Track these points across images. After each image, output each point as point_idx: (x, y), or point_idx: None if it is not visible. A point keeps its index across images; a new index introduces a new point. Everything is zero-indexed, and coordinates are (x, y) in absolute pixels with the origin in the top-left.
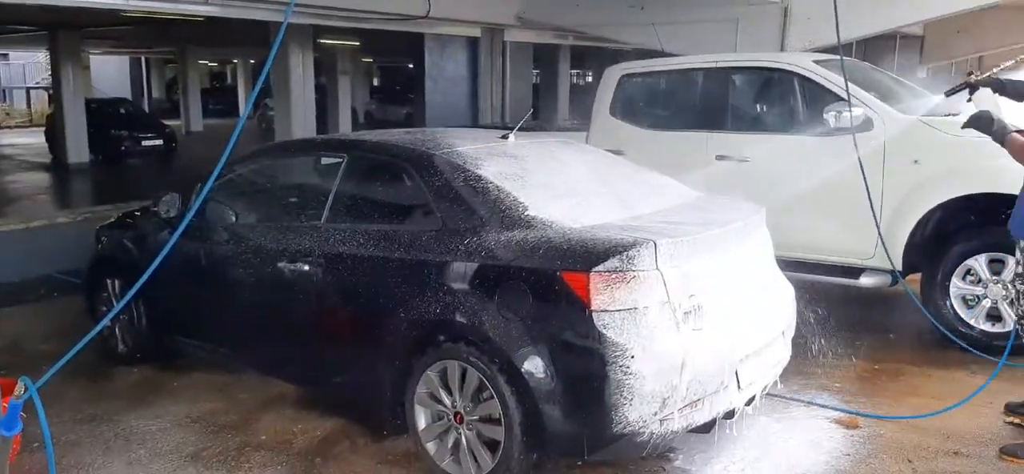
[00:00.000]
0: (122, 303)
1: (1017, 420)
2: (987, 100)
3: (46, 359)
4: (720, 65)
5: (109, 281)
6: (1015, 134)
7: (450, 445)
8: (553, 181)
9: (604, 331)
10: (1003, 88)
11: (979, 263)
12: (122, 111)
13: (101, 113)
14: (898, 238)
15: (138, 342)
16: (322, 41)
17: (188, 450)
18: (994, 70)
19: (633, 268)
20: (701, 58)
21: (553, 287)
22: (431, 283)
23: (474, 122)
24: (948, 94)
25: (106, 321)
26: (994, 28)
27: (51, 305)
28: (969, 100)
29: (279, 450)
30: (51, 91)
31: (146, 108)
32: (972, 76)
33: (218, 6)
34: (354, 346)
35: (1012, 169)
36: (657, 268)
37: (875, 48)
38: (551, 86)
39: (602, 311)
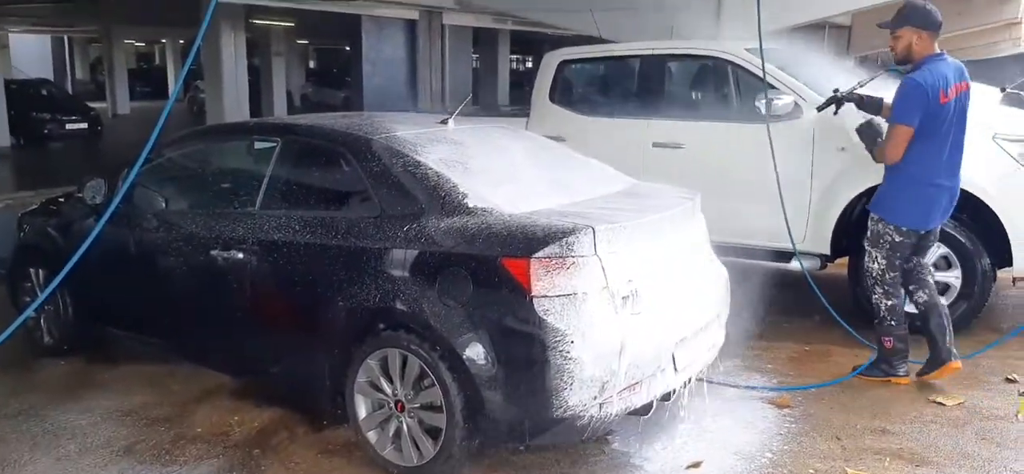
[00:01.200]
0: (45, 293)
1: (931, 378)
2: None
3: None
4: (656, 52)
5: (33, 270)
6: (882, 148)
7: (391, 434)
8: (493, 167)
9: (545, 317)
10: (862, 103)
11: None
12: (44, 93)
13: (22, 95)
14: (826, 223)
15: (65, 333)
16: (255, 21)
17: (120, 444)
18: (857, 85)
19: (572, 254)
20: (638, 45)
21: (493, 273)
22: (370, 270)
23: (413, 107)
24: (819, 109)
25: (29, 312)
26: None
27: None
28: (835, 114)
29: (216, 442)
30: None
31: (70, 90)
32: (838, 91)
33: None
34: (291, 335)
35: None
36: (596, 254)
37: (803, 38)
38: (491, 71)
39: (542, 297)
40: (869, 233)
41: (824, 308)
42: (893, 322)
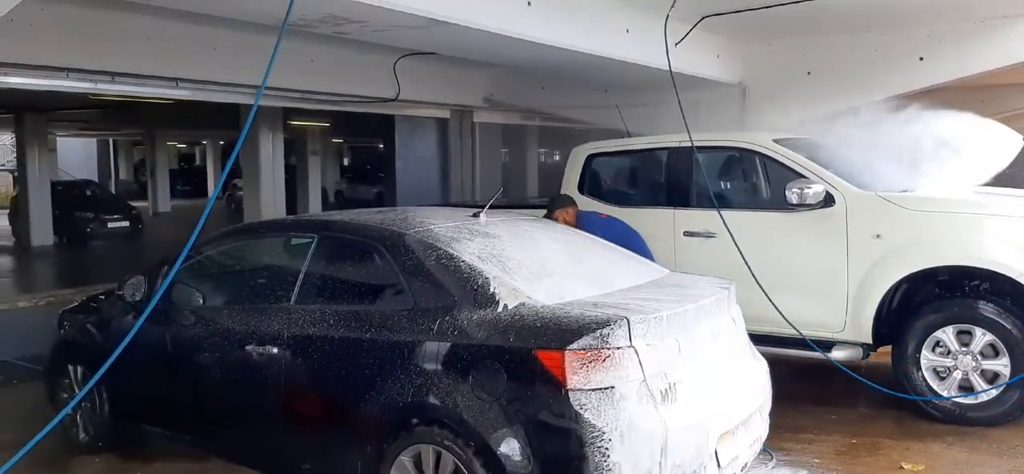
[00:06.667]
0: (83, 392)
1: None
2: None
3: (4, 449)
4: (684, 144)
5: (71, 367)
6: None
7: None
8: (525, 259)
9: (581, 411)
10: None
11: (947, 335)
12: (88, 193)
13: (67, 195)
14: (866, 312)
15: (100, 430)
16: (292, 122)
17: None
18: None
19: (607, 346)
20: (666, 137)
21: (528, 366)
22: (403, 364)
23: (445, 200)
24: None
25: (67, 410)
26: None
27: (10, 393)
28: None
29: None
30: (16, 173)
31: (113, 189)
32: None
33: (189, 90)
34: (324, 431)
35: (974, 243)
36: (631, 345)
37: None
38: (520, 164)
39: (578, 390)
40: None
41: (872, 399)
42: None
